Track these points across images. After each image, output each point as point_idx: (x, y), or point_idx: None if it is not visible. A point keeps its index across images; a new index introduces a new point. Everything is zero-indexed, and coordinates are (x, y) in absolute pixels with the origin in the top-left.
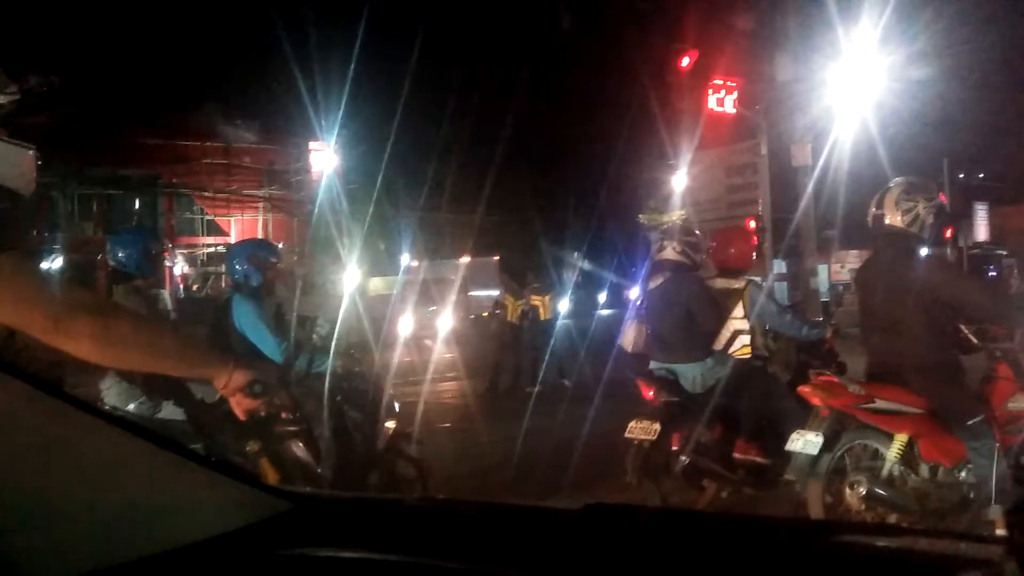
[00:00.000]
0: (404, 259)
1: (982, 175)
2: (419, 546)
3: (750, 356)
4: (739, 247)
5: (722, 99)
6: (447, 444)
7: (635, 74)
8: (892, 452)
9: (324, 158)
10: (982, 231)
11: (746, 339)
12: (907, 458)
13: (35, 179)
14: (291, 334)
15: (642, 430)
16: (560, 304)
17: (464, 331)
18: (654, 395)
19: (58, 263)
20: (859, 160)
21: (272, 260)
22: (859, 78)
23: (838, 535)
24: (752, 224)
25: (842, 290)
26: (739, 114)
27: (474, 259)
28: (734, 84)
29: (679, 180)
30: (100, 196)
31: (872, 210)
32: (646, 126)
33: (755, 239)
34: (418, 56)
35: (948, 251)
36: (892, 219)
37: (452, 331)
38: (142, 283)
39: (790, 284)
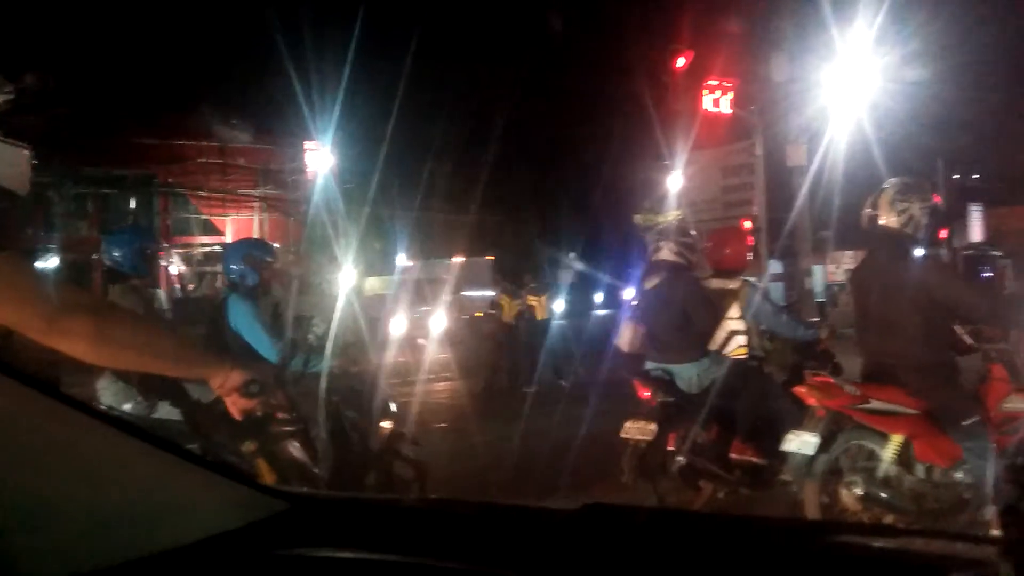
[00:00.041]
0: (400, 259)
1: (977, 176)
2: (416, 546)
3: (746, 356)
4: (735, 247)
5: (718, 100)
6: (444, 444)
7: (631, 74)
8: (888, 453)
9: (320, 158)
10: (977, 232)
11: (742, 339)
12: (903, 459)
13: (30, 178)
14: (287, 334)
15: (638, 430)
16: (556, 304)
17: (458, 331)
18: (650, 395)
19: (54, 263)
20: (854, 160)
21: (268, 260)
22: (854, 79)
23: (834, 535)
24: (748, 224)
25: (837, 290)
26: (735, 114)
27: (468, 259)
28: (730, 84)
29: (675, 180)
30: (95, 196)
31: (867, 211)
32: (642, 126)
33: (751, 239)
34: (414, 56)
35: (943, 252)
36: (887, 220)
37: (446, 331)
38: (138, 283)
39: (786, 284)
